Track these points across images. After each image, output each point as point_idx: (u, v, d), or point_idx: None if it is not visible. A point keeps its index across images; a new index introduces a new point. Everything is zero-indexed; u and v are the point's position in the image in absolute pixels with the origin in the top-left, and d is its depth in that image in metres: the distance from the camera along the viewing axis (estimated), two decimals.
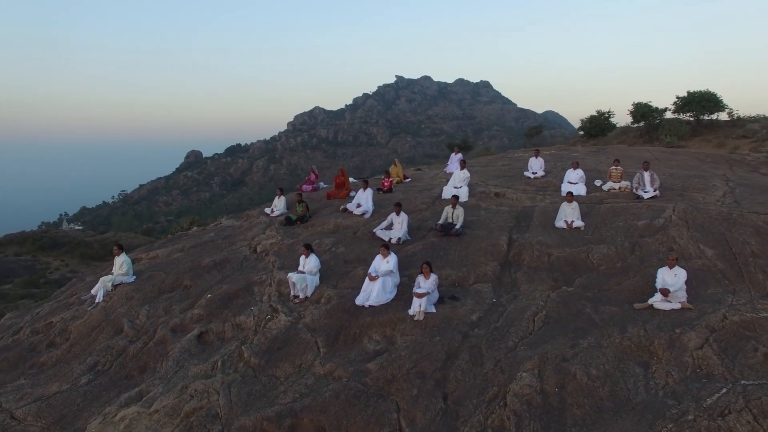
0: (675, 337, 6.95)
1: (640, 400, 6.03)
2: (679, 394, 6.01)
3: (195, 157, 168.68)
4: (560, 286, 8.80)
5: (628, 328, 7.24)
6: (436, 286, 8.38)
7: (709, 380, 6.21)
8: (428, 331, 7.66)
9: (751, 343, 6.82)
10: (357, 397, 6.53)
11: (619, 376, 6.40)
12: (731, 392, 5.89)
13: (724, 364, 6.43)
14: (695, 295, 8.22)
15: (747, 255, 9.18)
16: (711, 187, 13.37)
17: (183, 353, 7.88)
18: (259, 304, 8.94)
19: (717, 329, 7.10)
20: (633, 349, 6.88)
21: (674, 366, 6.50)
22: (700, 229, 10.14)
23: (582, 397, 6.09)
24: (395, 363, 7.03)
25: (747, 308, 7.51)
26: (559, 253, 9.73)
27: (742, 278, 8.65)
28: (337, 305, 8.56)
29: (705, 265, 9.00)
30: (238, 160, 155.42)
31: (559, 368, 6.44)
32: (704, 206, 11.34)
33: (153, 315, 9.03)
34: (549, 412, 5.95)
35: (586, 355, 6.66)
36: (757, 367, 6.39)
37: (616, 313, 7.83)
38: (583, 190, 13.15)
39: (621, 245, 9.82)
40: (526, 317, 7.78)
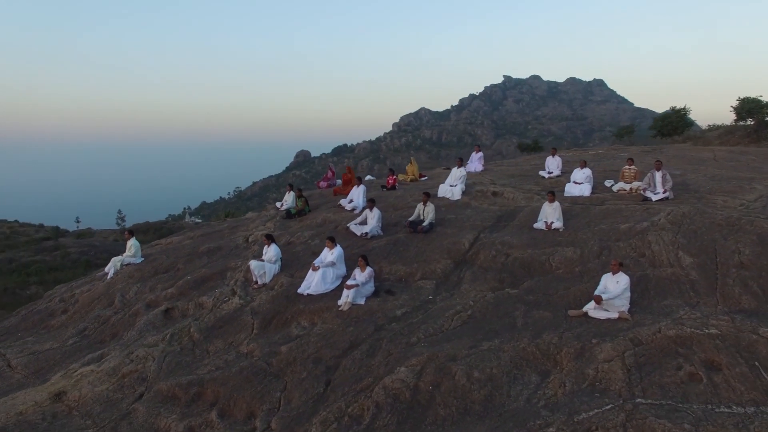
0: (588, 348, 6.41)
1: (514, 408, 5.73)
2: (560, 406, 5.61)
3: (304, 157, 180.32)
4: (504, 288, 8.42)
5: (542, 335, 6.80)
6: (370, 279, 8.56)
7: (602, 395, 5.69)
8: (347, 321, 7.90)
9: (677, 361, 6.08)
10: (256, 374, 7.05)
11: (505, 382, 6.11)
12: (615, 409, 5.38)
13: (628, 380, 5.83)
14: (646, 305, 7.43)
15: (732, 265, 7.98)
16: (747, 190, 11.56)
17: (147, 325, 9.04)
18: (223, 287, 9.85)
19: (643, 343, 6.41)
20: (537, 356, 6.48)
21: (573, 377, 6.03)
22: (691, 235, 8.96)
23: (453, 398, 5.94)
24: (302, 347, 7.41)
25: (694, 323, 6.63)
26: (519, 254, 9.26)
27: (714, 290, 7.57)
28: (282, 292, 9.14)
29: (674, 274, 8.00)
30: (344, 160, 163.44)
31: (442, 367, 6.32)
32: (713, 211, 9.92)
33: (141, 291, 10.42)
34: (412, 408, 5.91)
35: (479, 357, 6.43)
36: (669, 386, 5.71)
37: (546, 318, 7.36)
38: (588, 191, 12.15)
39: (590, 249, 9.06)
40: (447, 316, 7.64)
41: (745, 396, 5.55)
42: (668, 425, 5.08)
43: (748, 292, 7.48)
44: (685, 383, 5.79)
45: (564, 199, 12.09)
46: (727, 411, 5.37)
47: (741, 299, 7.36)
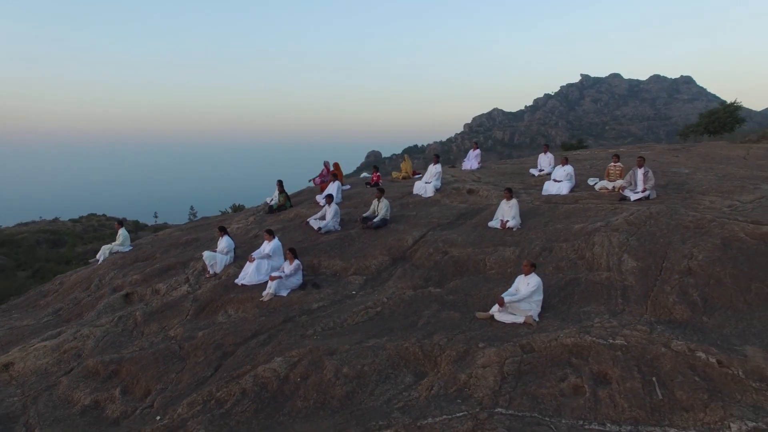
0: (471, 352, 6.08)
1: (369, 407, 5.59)
2: (414, 409, 5.39)
3: (374, 157, 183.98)
4: (428, 287, 8.16)
5: (434, 336, 6.55)
6: (296, 272, 8.67)
7: (462, 402, 5.40)
8: (262, 312, 8.08)
9: (564, 371, 5.63)
10: (166, 356, 7.42)
11: (373, 380, 5.96)
12: (465, 417, 5.10)
13: (498, 388, 5.49)
14: (564, 310, 6.90)
15: (677, 272, 7.17)
16: (749, 191, 10.31)
17: (106, 307, 9.80)
18: (181, 275, 10.42)
19: (535, 350, 5.99)
20: (418, 357, 6.26)
21: (444, 381, 5.76)
22: (647, 238, 8.14)
23: (315, 391, 5.90)
24: (213, 334, 7.68)
25: (602, 332, 6.08)
26: (457, 252, 8.92)
27: (647, 298, 6.84)
28: (223, 281, 9.50)
29: (609, 278, 7.33)
30: (414, 161, 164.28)
31: (316, 360, 6.29)
32: (686, 212, 8.91)
33: (115, 277, 11.29)
34: (275, 397, 5.95)
35: (357, 353, 6.32)
36: (544, 398, 5.31)
37: (453, 319, 7.06)
38: (566, 189, 11.37)
39: (530, 250, 8.52)
40: (355, 311, 7.56)
41: (626, 413, 5.03)
42: None
43: (685, 301, 6.70)
44: (565, 396, 5.36)
45: (538, 198, 11.45)
46: (599, 429, 4.91)
47: (674, 309, 6.62)
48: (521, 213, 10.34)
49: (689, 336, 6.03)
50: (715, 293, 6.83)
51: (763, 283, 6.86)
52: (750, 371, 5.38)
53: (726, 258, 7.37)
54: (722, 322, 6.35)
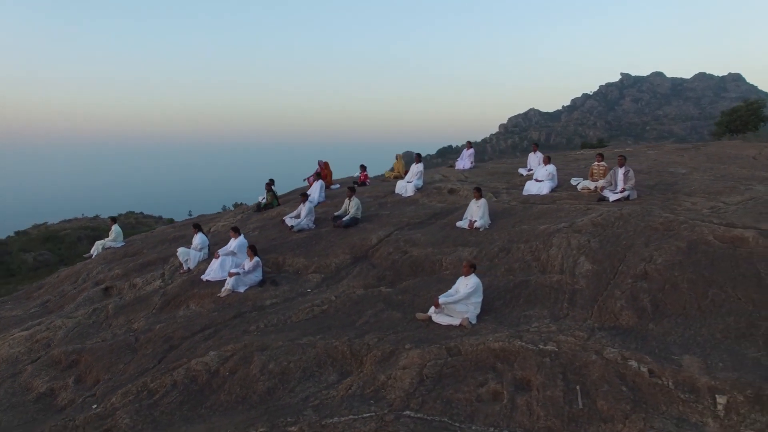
0: (397, 353, 6.01)
1: (285, 403, 5.61)
2: (327, 408, 5.36)
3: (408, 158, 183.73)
4: (379, 286, 8.10)
5: (366, 335, 6.50)
6: (255, 269, 8.78)
7: (375, 403, 5.33)
8: (218, 307, 8.22)
9: (485, 376, 5.50)
10: (121, 348, 7.67)
11: (297, 377, 5.98)
12: (371, 418, 5.04)
13: (413, 390, 5.40)
14: (505, 313, 6.73)
15: (632, 275, 6.86)
16: (739, 192, 9.75)
17: (86, 300, 10.22)
18: (158, 270, 10.75)
19: (461, 354, 5.87)
20: (346, 356, 6.23)
21: (364, 381, 5.72)
22: (610, 240, 7.82)
23: (239, 386, 5.96)
24: (167, 327, 7.88)
25: (535, 337, 5.91)
26: (417, 252, 8.81)
27: (595, 303, 6.56)
28: (193, 277, 9.73)
29: (559, 281, 7.07)
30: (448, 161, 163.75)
31: (248, 356, 6.36)
32: (660, 213, 8.49)
33: (102, 271, 11.75)
34: (202, 390, 6.04)
35: (288, 350, 6.34)
36: (459, 403, 5.21)
37: (393, 319, 7.00)
38: (546, 189, 11.02)
39: (489, 250, 8.32)
40: (301, 309, 7.59)
41: (540, 422, 4.86)
42: None
43: (633, 307, 6.40)
44: (482, 401, 5.22)
45: (518, 198, 11.17)
46: None
47: (620, 315, 6.33)
48: (495, 213, 10.13)
49: (628, 343, 5.75)
50: (669, 299, 6.48)
51: (722, 289, 6.45)
52: (681, 382, 5.08)
53: (688, 262, 6.97)
54: (669, 329, 6.02)
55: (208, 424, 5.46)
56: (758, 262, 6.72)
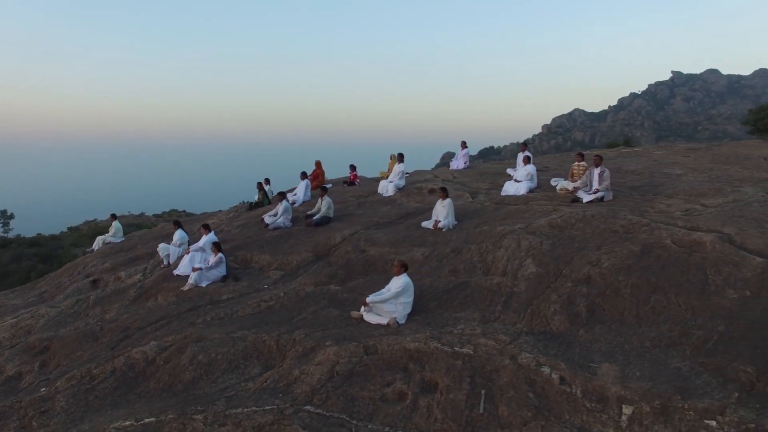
0: (317, 349, 6.09)
1: (203, 393, 5.81)
2: (238, 399, 5.52)
3: (449, 158, 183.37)
4: (329, 284, 8.19)
5: (295, 331, 6.61)
6: (218, 265, 9.06)
7: (281, 396, 5.45)
8: (178, 300, 8.56)
9: (394, 376, 5.53)
10: (86, 336, 8.11)
11: (222, 368, 6.17)
12: (272, 411, 5.14)
13: (320, 386, 5.49)
14: (437, 314, 6.72)
15: (573, 279, 6.69)
16: (724, 193, 9.27)
17: (74, 291, 10.85)
18: (142, 265, 11.26)
19: (378, 353, 5.92)
20: (272, 350, 6.37)
21: (280, 374, 5.85)
22: (563, 242, 7.63)
23: (168, 375, 6.21)
24: (129, 318, 8.28)
25: (455, 340, 5.87)
26: (374, 252, 8.84)
27: (529, 306, 6.40)
28: (167, 272, 10.15)
29: (499, 284, 6.95)
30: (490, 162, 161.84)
31: (183, 347, 6.59)
32: (625, 215, 8.14)
33: (95, 265, 12.42)
34: (136, 378, 6.32)
35: (219, 342, 6.53)
36: (362, 401, 5.27)
37: (330, 316, 7.10)
38: (524, 189, 10.77)
39: (440, 251, 8.24)
40: (250, 304, 7.80)
41: (437, 425, 4.84)
42: None
43: (568, 311, 6.20)
44: (385, 401, 5.25)
45: (494, 198, 10.97)
46: None
47: (552, 319, 6.15)
48: (465, 213, 10.01)
49: (550, 349, 5.59)
50: (607, 305, 6.23)
51: (665, 296, 6.14)
52: (590, 391, 4.91)
53: (637, 266, 6.67)
54: (599, 336, 5.79)
55: (131, 409, 5.71)
56: (709, 268, 6.34)
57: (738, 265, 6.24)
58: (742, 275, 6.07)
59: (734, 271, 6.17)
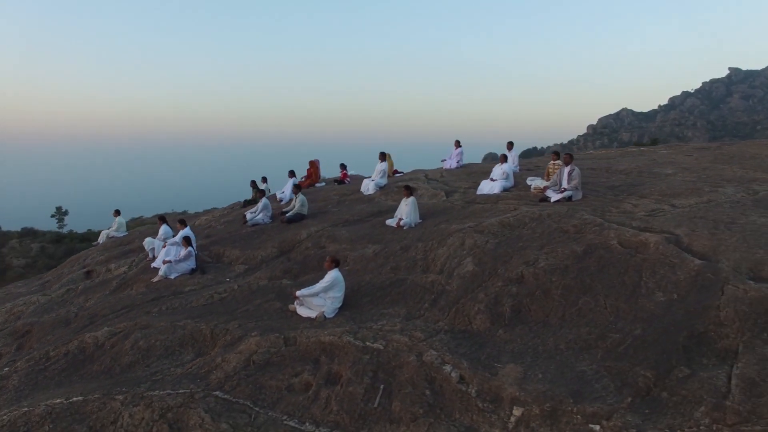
0: (243, 339, 6.36)
1: (135, 376, 6.14)
2: (162, 382, 5.82)
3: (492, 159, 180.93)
4: (282, 278, 8.41)
5: (231, 322, 6.88)
6: (188, 258, 9.47)
7: (199, 381, 5.73)
8: (147, 291, 9.03)
9: (305, 367, 5.74)
10: (61, 322, 8.69)
11: (159, 354, 6.51)
12: (183, 394, 5.44)
13: (235, 373, 5.75)
14: (367, 310, 6.90)
15: (506, 279, 6.66)
16: (702, 193, 8.88)
17: (69, 281, 11.59)
18: (132, 258, 11.88)
19: (296, 344, 6.10)
20: (206, 338, 6.66)
21: (206, 361, 6.12)
22: (509, 241, 7.60)
23: (110, 358, 6.60)
24: (100, 306, 8.79)
25: (370, 335, 6.01)
26: (332, 248, 8.98)
27: (455, 305, 6.39)
28: (147, 264, 10.68)
29: (433, 282, 7.09)
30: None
31: (129, 333, 6.99)
32: (582, 214, 7.92)
33: (93, 257, 13.20)
34: (84, 360, 6.75)
35: (162, 330, 6.88)
36: (269, 389, 5.50)
37: (270, 309, 7.34)
38: (498, 188, 10.59)
39: (391, 248, 8.30)
40: (204, 295, 8.13)
41: (331, 416, 4.99)
42: (208, 419, 4.97)
43: (492, 311, 6.16)
44: (291, 390, 5.44)
45: (468, 197, 10.86)
46: (294, 426, 4.93)
47: (474, 318, 6.13)
48: (432, 212, 10.00)
49: (460, 348, 5.59)
50: (535, 305, 6.11)
51: (594, 298, 5.96)
52: (485, 391, 4.90)
53: (574, 267, 6.49)
54: (516, 337, 5.71)
55: (69, 389, 6.11)
56: (646, 270, 6.09)
57: (675, 267, 5.96)
58: (676, 278, 5.80)
59: (669, 273, 5.90)
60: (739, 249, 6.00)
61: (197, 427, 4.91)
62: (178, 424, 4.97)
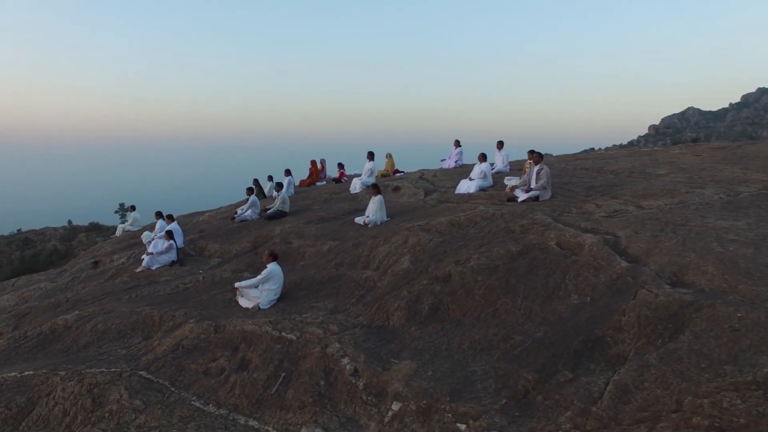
0: (182, 324, 6.76)
1: (85, 355, 6.72)
2: (103, 361, 6.34)
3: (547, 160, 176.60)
4: (245, 271, 8.79)
5: (180, 309, 7.33)
6: (168, 251, 10.09)
7: (133, 361, 6.19)
8: (130, 279, 9.72)
9: (224, 353, 6.07)
10: (52, 306, 9.56)
11: (112, 336, 7.07)
12: (113, 373, 5.87)
13: (164, 356, 6.18)
14: (299, 303, 7.14)
15: (432, 277, 6.69)
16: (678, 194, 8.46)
17: (77, 270, 12.61)
18: (136, 250, 12.75)
19: (224, 332, 6.45)
20: (155, 323, 7.15)
21: (145, 345, 6.60)
22: (453, 240, 7.62)
23: (71, 339, 7.24)
24: (87, 292, 9.59)
25: (290, 325, 6.26)
26: (297, 244, 9.31)
27: (380, 301, 6.49)
28: (140, 256, 11.44)
29: (367, 278, 7.22)
30: None
31: (92, 317, 7.61)
32: (534, 215, 7.76)
33: (104, 249, 14.26)
34: (52, 340, 7.43)
35: (120, 315, 7.45)
36: (188, 372, 5.88)
37: (221, 299, 7.76)
38: (474, 188, 10.49)
39: (345, 245, 8.47)
40: (171, 285, 8.68)
41: (232, 399, 5.30)
42: (126, 395, 5.41)
43: (410, 308, 6.23)
44: (207, 374, 5.80)
45: (445, 196, 10.82)
46: (198, 406, 5.28)
47: (393, 315, 6.23)
48: (401, 210, 10.09)
49: (368, 342, 5.73)
50: (454, 304, 6.10)
51: (514, 299, 5.87)
52: (373, 384, 5.01)
53: (504, 267, 6.41)
54: (425, 334, 5.75)
55: (32, 364, 6.77)
56: (572, 272, 5.93)
57: (600, 269, 5.75)
58: (597, 281, 5.60)
59: (591, 275, 5.70)
60: (672, 252, 5.69)
61: (114, 402, 5.34)
62: (99, 399, 5.42)
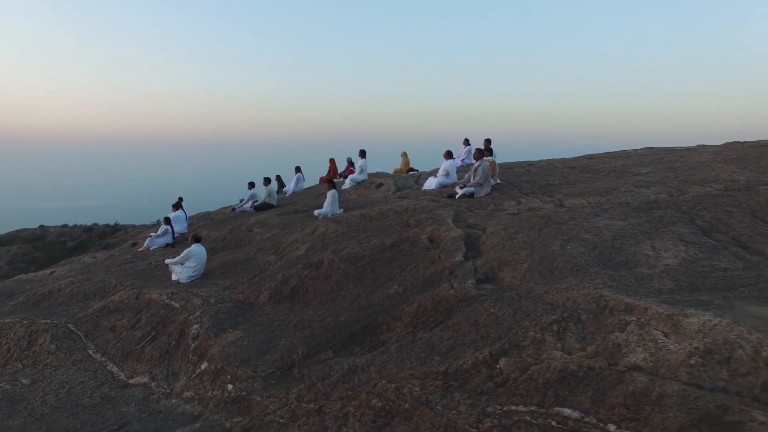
0: (118, 290, 8.08)
1: (58, 311, 8.38)
2: (61, 315, 7.94)
3: None
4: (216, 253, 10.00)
5: (131, 281, 8.71)
6: (165, 234, 11.79)
7: (72, 315, 7.65)
8: (130, 258, 11.53)
9: (128, 314, 7.27)
10: (74, 274, 11.77)
11: (78, 298, 8.67)
12: (54, 324, 7.41)
13: (92, 314, 7.52)
14: (213, 280, 8.13)
15: (306, 263, 7.27)
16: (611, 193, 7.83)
17: (118, 250, 15.06)
18: None
19: (138, 299, 7.61)
20: (109, 290, 8.59)
21: (86, 306, 8.06)
22: (349, 233, 8.04)
23: (54, 298, 9.00)
24: (100, 266, 11.62)
25: (185, 296, 7.27)
26: (256, 232, 10.28)
27: (265, 282, 7.19)
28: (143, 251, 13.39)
29: (267, 261, 8.07)
30: None
31: (79, 283, 9.37)
32: (435, 210, 7.80)
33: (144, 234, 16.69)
34: (42, 300, 9.27)
35: (94, 282, 9.08)
36: (101, 327, 7.15)
37: (168, 274, 8.94)
38: (435, 184, 10.55)
39: (278, 234, 9.23)
40: (147, 262, 10.20)
41: (110, 349, 6.55)
42: (49, 339, 6.88)
43: (276, 289, 7.01)
44: (113, 330, 7.01)
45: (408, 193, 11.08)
46: (90, 353, 6.55)
47: (262, 293, 7.05)
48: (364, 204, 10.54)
49: (226, 314, 6.48)
50: (312, 288, 6.67)
51: (358, 286, 6.31)
52: (201, 347, 5.94)
53: (370, 257, 6.80)
54: (272, 311, 6.42)
55: (19, 315, 8.64)
56: (415, 263, 6.09)
57: (435, 262, 5.83)
58: (423, 272, 5.75)
59: (423, 267, 5.87)
60: (507, 249, 5.54)
61: (39, 345, 6.78)
62: (31, 342, 6.92)
